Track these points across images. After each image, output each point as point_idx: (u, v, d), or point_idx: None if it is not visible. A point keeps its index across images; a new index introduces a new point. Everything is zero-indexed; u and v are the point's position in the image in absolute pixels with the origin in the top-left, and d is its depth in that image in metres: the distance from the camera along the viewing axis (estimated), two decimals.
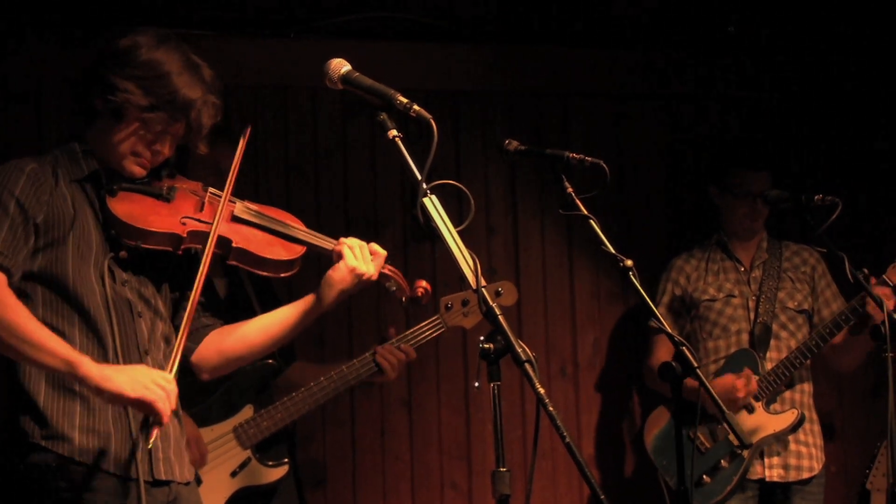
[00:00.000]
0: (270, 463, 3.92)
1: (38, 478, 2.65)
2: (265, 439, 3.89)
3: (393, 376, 3.94)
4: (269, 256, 2.92)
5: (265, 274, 2.96)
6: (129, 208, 2.77)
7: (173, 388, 2.62)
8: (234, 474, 3.86)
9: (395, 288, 3.09)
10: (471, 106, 4.95)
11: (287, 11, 4.69)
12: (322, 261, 3.03)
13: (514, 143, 3.28)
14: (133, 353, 2.75)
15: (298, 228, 3.00)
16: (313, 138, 4.80)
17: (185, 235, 2.80)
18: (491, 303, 2.43)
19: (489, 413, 2.45)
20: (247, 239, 2.90)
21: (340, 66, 2.71)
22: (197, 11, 4.37)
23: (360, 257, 2.93)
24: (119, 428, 2.70)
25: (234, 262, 2.89)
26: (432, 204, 2.52)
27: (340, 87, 2.72)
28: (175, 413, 2.83)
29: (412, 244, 4.81)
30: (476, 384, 2.54)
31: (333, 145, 4.81)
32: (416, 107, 2.58)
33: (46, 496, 2.65)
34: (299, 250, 2.96)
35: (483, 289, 2.43)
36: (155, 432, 2.59)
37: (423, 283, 3.21)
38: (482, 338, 2.47)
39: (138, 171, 2.82)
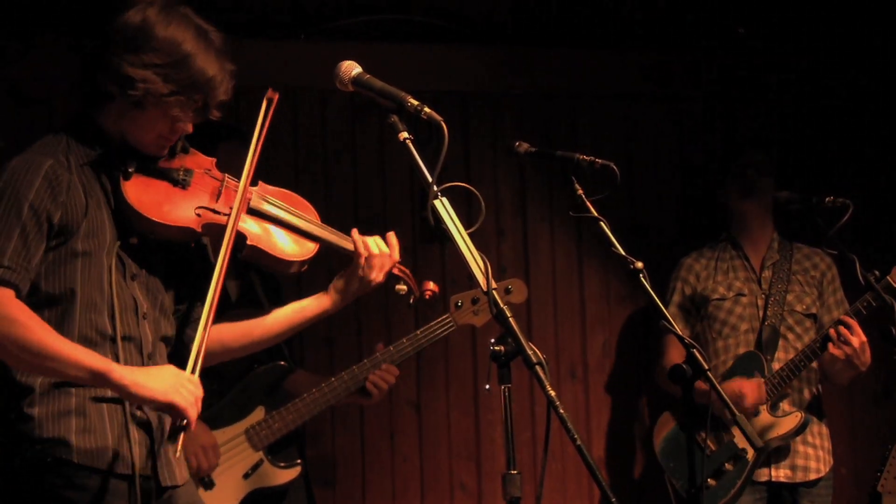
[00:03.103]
0: (282, 464, 3.92)
1: (34, 475, 2.60)
2: (277, 441, 3.89)
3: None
4: (281, 256, 2.86)
5: (275, 271, 2.93)
6: (143, 196, 2.69)
7: (200, 392, 2.60)
8: (246, 476, 3.86)
9: (405, 290, 3.07)
10: (480, 108, 4.95)
11: (296, 13, 4.70)
12: (334, 258, 3.00)
13: (525, 145, 3.28)
14: (136, 358, 2.70)
15: (314, 223, 2.93)
16: (322, 140, 4.81)
17: (199, 230, 2.74)
18: (501, 305, 2.42)
19: (498, 414, 2.45)
20: (260, 236, 2.83)
21: (351, 68, 2.71)
22: (206, 13, 4.37)
23: (376, 266, 2.93)
24: (115, 425, 2.65)
25: (245, 257, 2.83)
26: (443, 206, 2.52)
27: (351, 88, 2.71)
28: None
29: (421, 245, 4.81)
30: (487, 386, 2.54)
31: (342, 147, 4.81)
32: (426, 109, 2.57)
33: (43, 493, 2.60)
34: (312, 248, 2.91)
35: (493, 290, 2.43)
36: (182, 438, 2.55)
37: (431, 286, 3.23)
38: (493, 340, 2.46)
39: (163, 152, 2.77)
